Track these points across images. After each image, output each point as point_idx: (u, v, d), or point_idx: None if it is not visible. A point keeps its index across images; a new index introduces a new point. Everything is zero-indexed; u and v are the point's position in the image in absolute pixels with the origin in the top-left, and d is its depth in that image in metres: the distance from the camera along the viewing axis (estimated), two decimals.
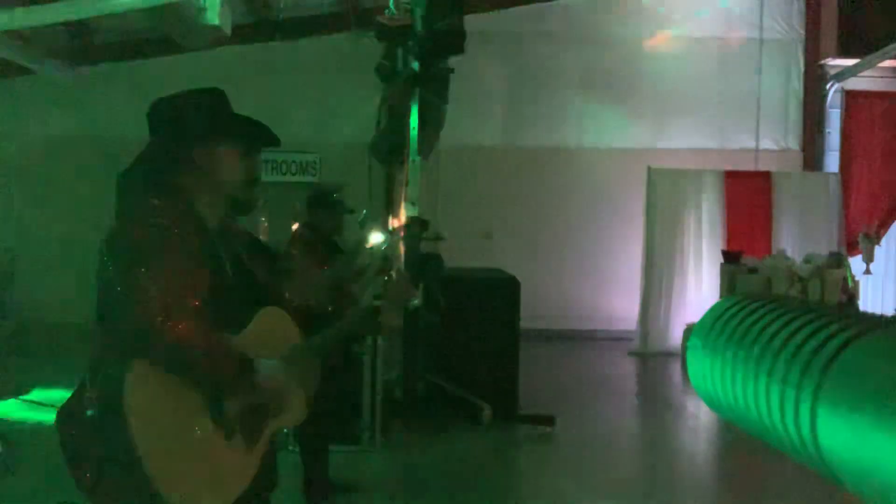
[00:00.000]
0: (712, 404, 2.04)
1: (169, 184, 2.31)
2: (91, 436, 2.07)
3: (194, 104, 2.37)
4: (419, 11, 6.38)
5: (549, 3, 11.66)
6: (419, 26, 6.41)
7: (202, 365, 2.08)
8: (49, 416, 2.44)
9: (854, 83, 11.58)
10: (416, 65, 6.67)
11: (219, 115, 2.39)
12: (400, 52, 6.88)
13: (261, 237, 9.67)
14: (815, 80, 11.87)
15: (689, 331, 8.97)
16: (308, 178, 11.03)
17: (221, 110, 2.40)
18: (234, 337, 2.23)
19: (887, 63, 11.05)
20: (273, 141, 2.45)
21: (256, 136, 2.45)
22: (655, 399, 8.63)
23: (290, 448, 5.40)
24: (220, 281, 2.29)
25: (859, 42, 11.24)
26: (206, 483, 2.14)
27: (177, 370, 2.08)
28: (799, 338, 1.58)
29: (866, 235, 10.74)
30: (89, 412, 2.07)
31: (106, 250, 2.19)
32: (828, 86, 11.70)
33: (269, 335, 2.36)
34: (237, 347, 2.19)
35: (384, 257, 5.13)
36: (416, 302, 6.55)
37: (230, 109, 2.43)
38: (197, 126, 2.33)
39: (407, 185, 7.17)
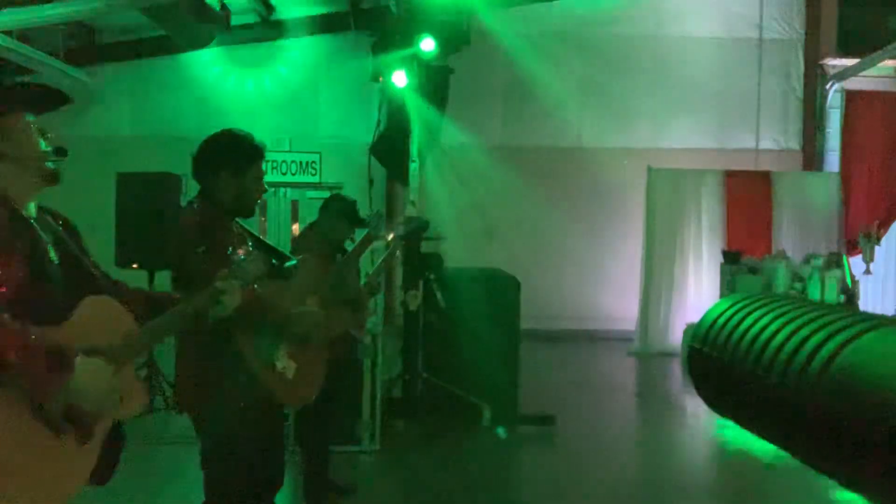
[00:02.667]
0: (712, 404, 2.04)
1: None
2: None
3: None
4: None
5: (548, 3, 11.67)
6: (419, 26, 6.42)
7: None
8: None
9: (854, 83, 11.58)
10: (415, 65, 6.68)
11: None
12: (399, 51, 6.88)
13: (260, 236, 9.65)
14: (815, 80, 11.88)
15: (689, 331, 8.97)
16: (308, 178, 11.03)
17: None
18: (52, 329, 2.07)
19: (887, 63, 11.05)
20: (62, 98, 2.28)
21: (40, 97, 2.26)
22: (655, 399, 8.63)
23: (291, 448, 5.40)
24: (40, 271, 2.14)
25: (859, 42, 11.25)
26: (34, 485, 1.99)
27: None
28: (798, 337, 1.59)
29: (866, 235, 10.73)
30: None
31: None
32: (828, 86, 11.71)
33: (98, 325, 2.22)
34: (56, 339, 2.03)
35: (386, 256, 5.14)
36: (417, 302, 6.55)
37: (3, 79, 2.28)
38: None
39: (407, 185, 7.18)
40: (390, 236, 5.29)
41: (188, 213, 3.23)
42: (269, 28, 11.15)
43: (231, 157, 3.18)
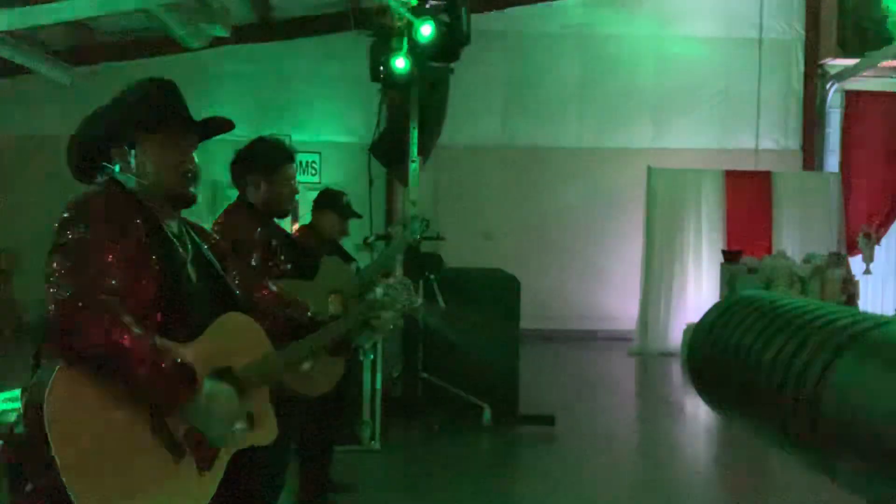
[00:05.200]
0: (712, 404, 2.04)
1: (111, 176, 2.16)
2: (21, 457, 1.81)
3: (139, 94, 2.21)
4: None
5: (549, 3, 11.67)
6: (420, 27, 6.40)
7: (123, 369, 1.84)
8: None
9: (854, 83, 11.58)
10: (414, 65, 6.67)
11: (165, 104, 2.21)
12: (399, 52, 6.87)
13: None
14: (815, 80, 11.87)
15: (689, 331, 8.97)
16: (308, 178, 11.04)
17: (164, 99, 2.22)
18: (180, 345, 2.00)
19: (887, 63, 11.05)
20: (226, 126, 2.30)
21: (210, 126, 2.30)
22: (655, 399, 8.63)
23: (292, 448, 5.39)
24: (175, 289, 2.08)
25: (859, 42, 11.24)
26: None
27: (100, 374, 1.85)
28: (799, 337, 1.58)
29: (866, 235, 10.73)
30: (19, 428, 1.81)
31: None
32: (828, 86, 11.71)
33: (231, 344, 2.15)
34: (182, 354, 1.96)
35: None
36: (418, 303, 6.55)
37: (174, 100, 2.24)
38: (142, 115, 2.16)
39: (407, 185, 7.18)
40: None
41: (221, 216, 3.41)
42: (268, 28, 11.15)
43: (261, 160, 3.41)
